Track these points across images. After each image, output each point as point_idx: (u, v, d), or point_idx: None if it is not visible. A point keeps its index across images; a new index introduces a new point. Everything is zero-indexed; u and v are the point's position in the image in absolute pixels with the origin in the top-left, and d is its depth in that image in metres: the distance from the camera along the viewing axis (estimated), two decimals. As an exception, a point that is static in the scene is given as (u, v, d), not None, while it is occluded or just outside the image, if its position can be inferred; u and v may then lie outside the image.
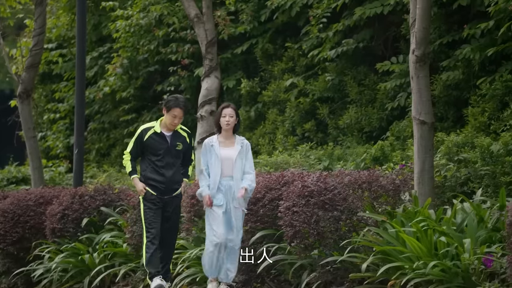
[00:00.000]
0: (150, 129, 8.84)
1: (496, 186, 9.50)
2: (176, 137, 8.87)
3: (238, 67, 16.37)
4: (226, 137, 8.77)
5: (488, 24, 11.16)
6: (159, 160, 8.79)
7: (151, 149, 8.81)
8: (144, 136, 8.81)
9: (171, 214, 8.94)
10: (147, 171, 8.85)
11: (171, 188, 8.88)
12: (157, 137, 8.81)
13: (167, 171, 8.80)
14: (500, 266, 7.51)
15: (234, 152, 8.69)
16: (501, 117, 10.79)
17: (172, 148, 8.81)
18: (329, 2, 14.06)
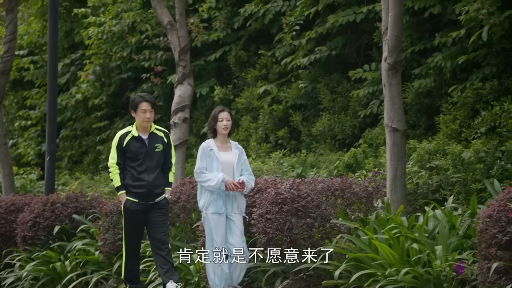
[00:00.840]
0: (127, 134, 8.54)
1: (467, 193, 9.58)
2: (153, 138, 8.57)
3: (211, 74, 16.37)
4: (222, 142, 8.55)
5: (459, 32, 11.26)
6: (139, 165, 8.47)
7: (130, 155, 8.49)
8: (123, 142, 8.50)
9: (156, 217, 8.53)
10: (127, 179, 8.51)
11: (153, 193, 8.52)
12: (135, 141, 8.51)
13: (148, 175, 8.47)
14: (471, 273, 7.56)
15: (234, 157, 8.49)
16: (472, 124, 10.88)
17: (152, 151, 8.50)
18: (302, 9, 14.11)
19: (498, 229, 7.07)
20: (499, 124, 10.45)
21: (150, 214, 8.53)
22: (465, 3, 11.23)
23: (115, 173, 8.50)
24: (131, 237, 8.57)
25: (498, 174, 9.49)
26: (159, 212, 8.54)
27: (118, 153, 8.50)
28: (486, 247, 7.16)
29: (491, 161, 9.73)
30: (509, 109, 10.40)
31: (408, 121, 11.97)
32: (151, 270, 10.03)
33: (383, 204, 9.20)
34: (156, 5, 13.05)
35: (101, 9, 17.85)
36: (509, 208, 7.08)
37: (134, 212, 8.48)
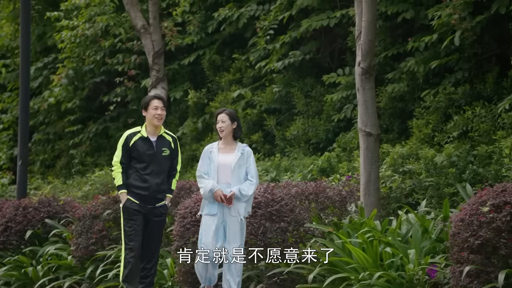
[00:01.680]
0: (135, 134, 8.26)
1: (440, 197, 9.64)
2: (161, 142, 8.31)
3: (185, 78, 16.34)
4: (226, 144, 8.24)
5: (432, 37, 11.34)
6: (145, 167, 8.21)
7: (136, 156, 8.22)
8: (130, 142, 8.23)
9: (153, 225, 8.30)
10: (131, 179, 8.23)
11: (155, 197, 8.24)
12: (143, 142, 8.23)
13: (152, 179, 8.20)
14: (443, 276, 7.60)
15: (233, 159, 8.14)
16: (445, 129, 10.96)
17: (158, 155, 8.25)
18: (276, 14, 14.14)
19: (470, 233, 7.12)
20: (471, 129, 10.53)
21: (148, 218, 8.28)
22: (437, 8, 11.31)
23: (118, 171, 8.24)
24: (132, 235, 8.20)
25: (470, 178, 9.56)
26: (158, 219, 8.30)
27: (123, 153, 8.25)
28: (458, 251, 7.21)
29: (463, 165, 9.81)
30: (480, 114, 10.49)
31: (381, 125, 12.03)
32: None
33: (357, 208, 9.24)
34: (129, 8, 13.02)
35: (74, 13, 17.74)
36: (481, 212, 7.13)
37: (134, 211, 8.20)
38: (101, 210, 10.93)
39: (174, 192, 10.29)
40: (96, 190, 13.72)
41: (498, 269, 7.03)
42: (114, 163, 8.27)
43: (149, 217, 8.27)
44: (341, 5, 13.28)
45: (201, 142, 15.46)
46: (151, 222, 8.30)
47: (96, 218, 10.85)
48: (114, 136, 17.41)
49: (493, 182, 9.10)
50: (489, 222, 7.06)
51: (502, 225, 7.01)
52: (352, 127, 12.59)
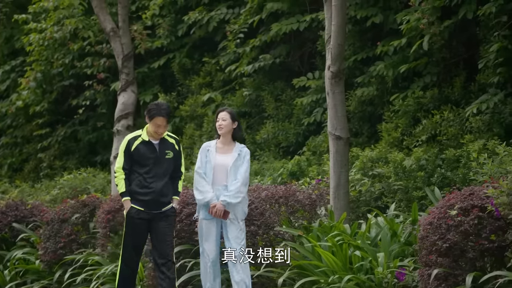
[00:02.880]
0: (137, 138, 8.03)
1: (408, 200, 9.70)
2: (164, 144, 8.06)
3: (155, 82, 16.28)
4: (224, 143, 8.06)
5: (401, 41, 11.42)
6: (147, 171, 7.96)
7: (139, 160, 7.98)
8: (132, 146, 7.99)
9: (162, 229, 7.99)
10: (133, 185, 7.99)
11: (160, 202, 7.99)
12: (145, 146, 8.00)
13: (156, 183, 7.96)
14: (412, 279, 7.65)
15: (230, 160, 7.95)
16: (413, 132, 11.03)
17: (162, 157, 8.01)
18: (246, 17, 14.14)
19: (438, 236, 7.17)
20: (439, 132, 10.61)
21: (154, 223, 8.00)
22: (406, 13, 11.39)
23: (121, 178, 7.98)
24: (132, 245, 7.99)
25: (439, 182, 9.63)
26: (164, 222, 8.02)
27: (125, 158, 8.00)
28: (426, 254, 7.26)
29: (431, 169, 9.88)
30: (448, 118, 10.58)
31: (351, 129, 12.08)
32: (93, 279, 9.91)
33: (327, 211, 9.26)
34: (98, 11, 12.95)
35: (42, 16, 17.60)
36: (449, 215, 7.19)
37: (138, 220, 7.95)
38: (70, 214, 10.86)
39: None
40: (65, 194, 13.61)
41: (465, 272, 7.08)
42: (117, 169, 8.01)
43: (156, 221, 7.99)
44: (311, 9, 13.33)
45: (171, 145, 15.39)
46: (158, 226, 7.99)
47: (64, 222, 10.78)
48: (83, 140, 17.31)
49: (461, 185, 9.17)
50: (457, 226, 7.11)
51: (470, 228, 7.07)
52: (322, 130, 12.63)
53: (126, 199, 7.98)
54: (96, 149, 17.41)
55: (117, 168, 8.02)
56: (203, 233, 7.97)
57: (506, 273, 6.89)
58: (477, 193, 7.29)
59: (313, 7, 13.29)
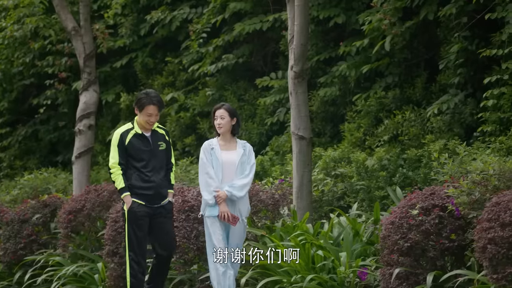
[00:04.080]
0: (129, 131, 7.74)
1: (371, 200, 9.76)
2: (156, 136, 7.83)
3: (117, 81, 16.19)
4: (225, 140, 7.80)
5: (363, 42, 11.49)
6: (145, 165, 7.71)
7: (134, 155, 7.71)
8: (125, 140, 7.71)
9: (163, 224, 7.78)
10: (133, 179, 7.70)
11: (160, 194, 7.75)
12: (139, 139, 7.75)
13: (155, 176, 7.73)
14: (374, 278, 7.70)
15: (237, 156, 7.70)
16: (376, 133, 11.11)
17: (156, 150, 7.77)
18: (209, 17, 14.12)
19: (400, 236, 7.23)
20: (401, 132, 10.70)
21: (154, 219, 7.77)
22: (368, 13, 11.46)
23: (118, 173, 7.68)
24: (138, 241, 7.69)
25: (400, 182, 9.71)
26: (164, 217, 7.80)
27: (119, 152, 7.71)
28: (388, 253, 7.31)
29: (393, 169, 9.95)
30: (410, 118, 10.66)
31: (314, 129, 12.13)
32: (54, 280, 9.83)
33: (289, 211, 9.28)
34: (60, 10, 12.83)
35: (2, 14, 17.39)
36: (410, 215, 7.25)
37: (141, 215, 7.69)
38: (30, 214, 10.76)
39: (106, 196, 10.19)
40: (25, 194, 13.46)
41: (426, 271, 7.15)
42: (112, 165, 7.72)
43: (156, 217, 7.76)
44: (274, 9, 13.34)
45: (133, 145, 15.31)
46: (158, 223, 7.77)
47: (25, 223, 10.67)
48: (44, 139, 17.14)
49: (422, 185, 9.26)
50: (418, 225, 7.17)
51: (431, 228, 7.14)
52: (285, 130, 12.66)
53: (127, 195, 7.69)
54: (57, 149, 17.26)
55: (112, 164, 7.71)
56: (210, 230, 7.63)
57: (466, 272, 6.97)
58: (438, 193, 7.36)
59: (276, 7, 13.32)
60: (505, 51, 9.58)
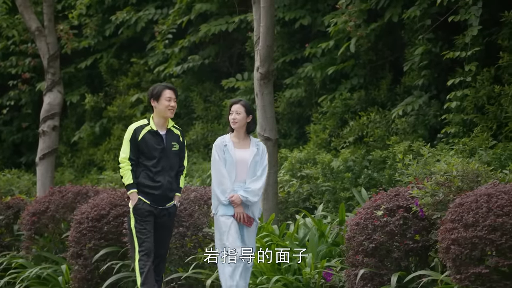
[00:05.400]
0: (144, 127, 7.50)
1: (336, 201, 9.80)
2: (171, 136, 7.60)
3: (82, 82, 16.09)
4: (239, 137, 7.48)
5: (328, 43, 11.54)
6: (155, 164, 7.48)
7: (146, 152, 7.48)
8: (138, 136, 7.47)
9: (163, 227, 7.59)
10: (141, 177, 7.47)
11: (167, 197, 7.54)
12: (153, 136, 7.51)
13: (163, 177, 7.50)
14: (339, 279, 7.73)
15: (250, 155, 7.40)
16: (341, 134, 11.16)
17: (169, 150, 7.54)
18: (174, 18, 14.08)
19: (365, 237, 7.26)
20: (366, 134, 10.76)
21: (156, 220, 7.55)
22: (333, 15, 11.52)
23: (127, 169, 7.45)
24: (146, 239, 7.45)
25: (365, 183, 9.76)
26: (167, 218, 7.59)
27: (131, 147, 7.46)
28: (353, 254, 7.35)
29: (358, 170, 10.00)
30: (375, 119, 10.73)
31: (279, 130, 12.15)
32: (17, 282, 9.73)
33: (255, 212, 9.27)
34: (23, 10, 12.70)
35: (-36, 13, 17.18)
36: (375, 216, 7.29)
37: (147, 212, 7.46)
38: (-7, 216, 10.64)
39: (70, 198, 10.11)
40: (-12, 196, 13.31)
41: (391, 272, 7.19)
42: (122, 160, 7.46)
43: (159, 218, 7.56)
44: (240, 10, 13.35)
45: (99, 146, 15.24)
46: (161, 224, 7.57)
47: (-13, 225, 10.55)
48: (7, 140, 16.97)
49: (387, 186, 9.32)
50: (383, 226, 7.22)
51: (395, 229, 7.19)
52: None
53: (133, 192, 7.46)
54: (21, 150, 17.09)
55: (122, 159, 7.46)
56: (222, 230, 7.30)
57: (430, 273, 7.03)
58: (402, 194, 7.41)
59: (241, 9, 13.32)
60: (468, 53, 9.68)
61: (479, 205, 6.38)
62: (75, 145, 16.00)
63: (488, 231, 6.25)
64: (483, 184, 6.86)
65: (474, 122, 9.55)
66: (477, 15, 9.72)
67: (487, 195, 6.42)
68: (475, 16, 9.72)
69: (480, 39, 9.77)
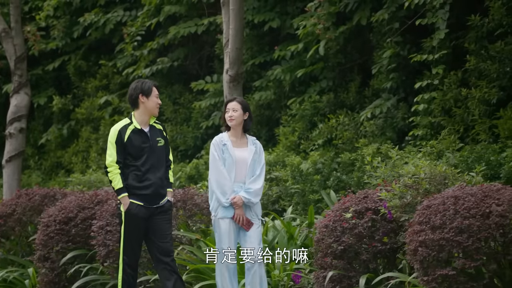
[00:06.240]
0: (128, 127, 7.18)
1: (305, 203, 9.82)
2: (154, 132, 7.31)
3: (49, 84, 15.96)
4: (236, 136, 7.29)
5: (298, 46, 11.57)
6: (143, 163, 7.18)
7: (133, 152, 7.18)
8: (124, 136, 7.16)
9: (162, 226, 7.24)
10: (130, 179, 7.19)
11: (159, 194, 7.24)
12: (138, 135, 7.21)
13: (154, 174, 7.21)
14: (307, 282, 7.75)
15: (249, 154, 7.23)
16: (310, 136, 11.19)
17: (155, 146, 7.24)
18: (143, 20, 14.03)
19: (333, 239, 7.28)
20: (335, 136, 10.80)
21: (153, 220, 7.24)
22: (302, 18, 11.55)
23: (115, 173, 7.14)
24: (134, 246, 7.21)
25: (334, 185, 9.79)
26: (164, 217, 7.27)
27: (118, 150, 7.15)
28: (322, 256, 7.37)
29: (327, 172, 10.03)
30: (344, 122, 10.77)
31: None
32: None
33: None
34: (-10, 11, 12.58)
35: None
36: (344, 218, 7.31)
37: (139, 217, 7.17)
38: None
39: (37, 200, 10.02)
40: (-46, 199, 13.15)
41: (359, 274, 7.22)
42: (109, 164, 7.16)
43: (154, 218, 7.24)
44: (209, 13, 13.34)
45: (66, 149, 15.13)
46: (157, 223, 7.24)
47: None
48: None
49: (355, 188, 9.36)
50: (352, 228, 7.24)
51: (364, 231, 7.22)
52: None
53: (124, 196, 7.16)
54: (-13, 153, 16.91)
55: (109, 163, 7.15)
56: (222, 232, 7.14)
57: (398, 274, 7.07)
58: (371, 196, 7.44)
59: (210, 11, 13.31)
60: (435, 57, 9.77)
61: (446, 207, 6.43)
62: (42, 148, 15.87)
63: (455, 233, 6.30)
64: (450, 187, 6.92)
65: (441, 124, 9.63)
66: (444, 19, 9.81)
67: (454, 198, 6.48)
68: (442, 20, 9.81)
69: (447, 42, 9.86)
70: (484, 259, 6.32)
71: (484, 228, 6.25)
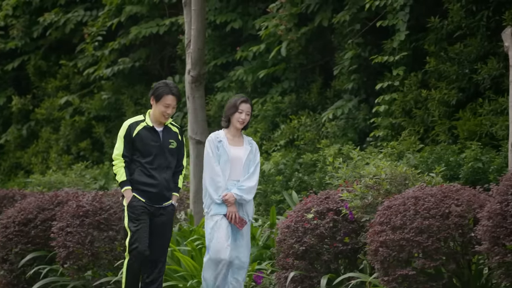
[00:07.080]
0: (139, 123, 7.10)
1: (267, 204, 9.84)
2: (168, 133, 7.18)
3: (8, 84, 15.81)
4: (234, 135, 7.23)
5: (260, 47, 11.59)
6: (150, 162, 7.07)
7: (141, 148, 7.07)
8: (133, 132, 7.07)
9: (160, 227, 7.13)
10: (135, 174, 7.07)
11: (163, 195, 7.11)
12: (149, 132, 7.09)
13: (160, 174, 7.08)
14: (269, 282, 7.76)
15: (243, 153, 7.16)
16: (272, 137, 11.21)
17: (165, 147, 7.13)
18: (104, 20, 13.94)
19: (295, 239, 7.31)
20: (297, 137, 10.84)
21: (152, 221, 7.10)
22: (264, 19, 11.58)
23: (120, 166, 7.06)
24: (139, 237, 7.01)
25: (296, 186, 9.83)
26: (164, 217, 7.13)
27: (125, 144, 7.07)
28: (284, 257, 7.38)
29: (289, 173, 10.06)
30: (306, 123, 10.82)
31: (211, 133, 12.11)
32: None
33: (186, 216, 9.25)
34: None
35: None
36: (306, 218, 7.34)
37: (142, 208, 7.03)
38: None
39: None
40: None
41: (320, 274, 7.25)
42: (115, 157, 7.08)
43: (155, 218, 7.11)
44: (170, 13, 13.30)
45: (26, 149, 14.98)
46: (157, 224, 7.12)
47: None
48: None
49: (317, 189, 9.40)
50: (313, 229, 7.27)
51: (325, 231, 7.25)
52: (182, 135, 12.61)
53: (127, 189, 7.05)
54: None
55: (115, 156, 7.08)
56: (213, 229, 7.05)
57: (359, 275, 7.11)
58: (332, 197, 7.48)
59: (172, 11, 13.27)
60: (396, 58, 9.86)
61: (407, 208, 6.49)
62: (1, 148, 15.69)
63: (415, 233, 6.36)
64: (410, 187, 6.98)
65: (402, 125, 9.71)
66: (405, 21, 9.90)
67: (415, 198, 6.54)
68: (403, 22, 9.90)
69: (407, 44, 9.96)
70: (443, 259, 6.39)
71: (444, 228, 6.32)
